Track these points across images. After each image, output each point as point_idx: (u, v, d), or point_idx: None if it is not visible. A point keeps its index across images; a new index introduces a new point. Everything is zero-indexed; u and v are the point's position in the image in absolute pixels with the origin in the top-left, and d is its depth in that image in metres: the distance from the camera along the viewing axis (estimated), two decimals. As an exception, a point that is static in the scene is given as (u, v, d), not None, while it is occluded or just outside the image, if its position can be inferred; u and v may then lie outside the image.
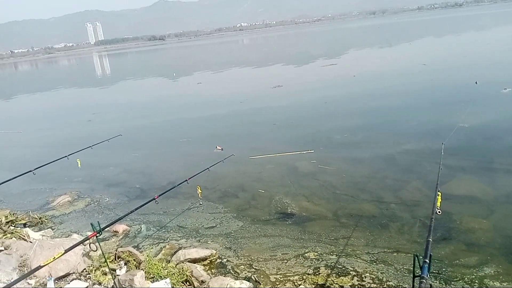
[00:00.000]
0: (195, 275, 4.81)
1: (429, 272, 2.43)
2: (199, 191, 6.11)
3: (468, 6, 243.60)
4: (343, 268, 4.88)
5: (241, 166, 8.92)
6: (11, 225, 6.59)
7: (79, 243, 3.80)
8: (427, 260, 2.49)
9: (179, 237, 6.11)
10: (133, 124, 15.04)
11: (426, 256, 2.53)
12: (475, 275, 4.48)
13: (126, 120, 16.04)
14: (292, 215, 6.42)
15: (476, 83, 14.44)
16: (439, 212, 3.20)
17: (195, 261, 5.26)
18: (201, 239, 5.95)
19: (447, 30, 53.88)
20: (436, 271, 4.55)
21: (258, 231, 6.01)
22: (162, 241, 6.04)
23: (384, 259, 4.95)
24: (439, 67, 20.27)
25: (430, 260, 2.50)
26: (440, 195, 3.32)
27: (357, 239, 5.48)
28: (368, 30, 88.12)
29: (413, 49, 33.50)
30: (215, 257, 5.41)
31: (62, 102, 25.50)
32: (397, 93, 15.30)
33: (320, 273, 4.83)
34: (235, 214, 6.64)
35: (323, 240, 5.57)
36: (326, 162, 8.51)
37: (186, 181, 5.91)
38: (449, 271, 4.59)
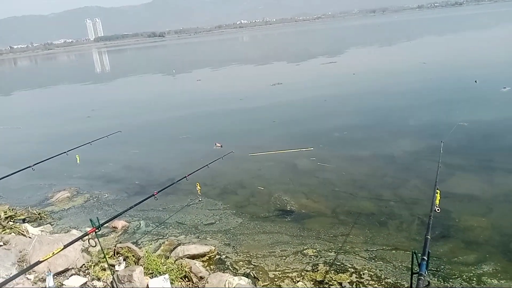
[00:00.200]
0: (194, 271, 4.83)
1: (427, 269, 2.44)
2: (198, 187, 6.10)
3: (468, 5, 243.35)
4: (341, 265, 4.90)
5: (241, 163, 8.92)
6: (10, 221, 6.60)
7: (78, 239, 3.79)
8: (425, 258, 2.49)
9: (178, 233, 6.13)
10: (133, 121, 15.03)
11: (424, 254, 2.53)
12: (473, 272, 4.50)
13: (125, 117, 16.03)
14: (291, 212, 6.43)
15: (475, 82, 14.46)
16: (438, 210, 3.21)
17: (194, 257, 5.28)
18: (200, 236, 5.97)
19: (447, 28, 53.85)
20: (434, 268, 4.57)
21: (257, 228, 6.03)
22: (161, 237, 6.06)
23: (383, 256, 4.97)
24: (438, 65, 20.29)
25: (428, 258, 2.50)
26: (439, 193, 3.32)
27: (356, 236, 5.50)
28: (368, 28, 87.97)
29: (413, 47, 33.51)
30: (214, 253, 5.43)
31: (61, 98, 25.47)
32: (396, 91, 15.31)
33: (318, 270, 4.85)
34: (234, 211, 6.66)
35: (322, 237, 5.58)
36: (325, 160, 8.52)
37: (185, 177, 5.90)
38: (447, 268, 4.61)
